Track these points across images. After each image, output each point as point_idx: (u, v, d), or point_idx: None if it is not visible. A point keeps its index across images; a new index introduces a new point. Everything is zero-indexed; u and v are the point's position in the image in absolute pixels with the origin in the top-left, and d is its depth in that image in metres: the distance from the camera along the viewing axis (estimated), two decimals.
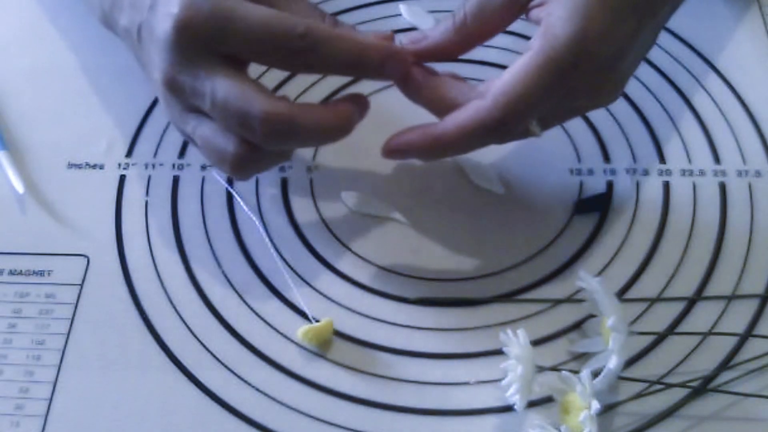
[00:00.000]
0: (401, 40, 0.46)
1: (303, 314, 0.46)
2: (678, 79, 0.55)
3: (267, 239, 0.48)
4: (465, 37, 0.45)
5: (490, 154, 0.51)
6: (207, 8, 0.40)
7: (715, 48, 0.56)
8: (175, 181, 0.51)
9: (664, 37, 0.56)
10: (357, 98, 0.44)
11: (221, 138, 0.42)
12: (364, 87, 0.54)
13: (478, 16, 0.44)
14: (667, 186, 0.50)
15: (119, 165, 0.51)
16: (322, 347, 0.44)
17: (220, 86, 0.40)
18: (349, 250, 0.48)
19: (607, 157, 0.51)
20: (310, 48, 0.41)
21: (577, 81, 0.41)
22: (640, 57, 0.45)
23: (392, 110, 0.52)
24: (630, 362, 0.43)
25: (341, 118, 0.43)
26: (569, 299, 0.46)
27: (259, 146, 0.42)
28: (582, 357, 0.44)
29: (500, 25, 0.45)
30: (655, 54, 0.56)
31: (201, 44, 0.41)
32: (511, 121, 0.42)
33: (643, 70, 0.52)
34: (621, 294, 0.46)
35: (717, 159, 0.51)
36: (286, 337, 0.45)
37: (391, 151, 0.45)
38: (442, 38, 0.45)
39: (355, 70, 0.43)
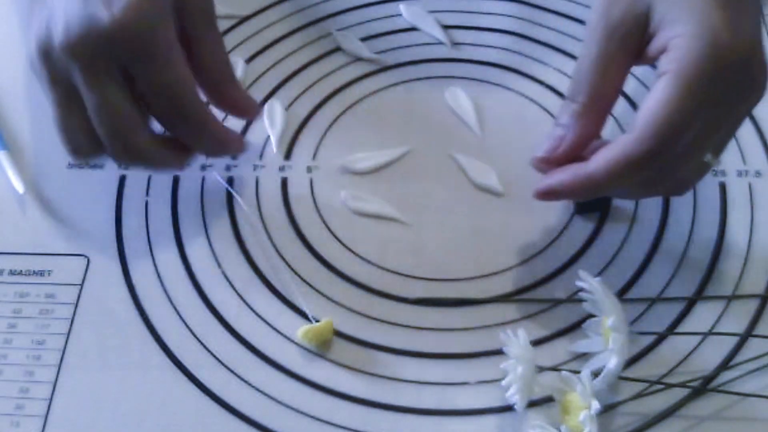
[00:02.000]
0: (534, 156, 0.44)
1: (303, 314, 0.46)
2: None
3: (267, 239, 0.48)
4: (595, 121, 0.44)
5: (490, 155, 0.51)
6: (142, 31, 0.42)
7: None
8: (176, 181, 0.51)
9: None
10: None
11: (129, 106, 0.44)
12: (369, 84, 0.54)
13: (599, 92, 0.43)
14: None
15: (119, 165, 0.51)
16: (322, 347, 0.44)
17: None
18: (349, 250, 0.48)
19: None
20: (190, 131, 0.46)
21: (721, 90, 0.40)
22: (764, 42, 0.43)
23: (391, 110, 0.52)
24: (630, 362, 0.43)
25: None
26: (569, 299, 0.46)
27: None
28: (582, 357, 0.44)
29: (621, 86, 0.44)
30: None
31: (114, 54, 0.42)
32: (662, 149, 0.40)
33: (643, 69, 0.52)
34: (621, 294, 0.46)
35: None
36: (286, 337, 0.45)
37: (543, 193, 0.44)
38: (577, 137, 0.43)
39: (215, 153, 0.49)
